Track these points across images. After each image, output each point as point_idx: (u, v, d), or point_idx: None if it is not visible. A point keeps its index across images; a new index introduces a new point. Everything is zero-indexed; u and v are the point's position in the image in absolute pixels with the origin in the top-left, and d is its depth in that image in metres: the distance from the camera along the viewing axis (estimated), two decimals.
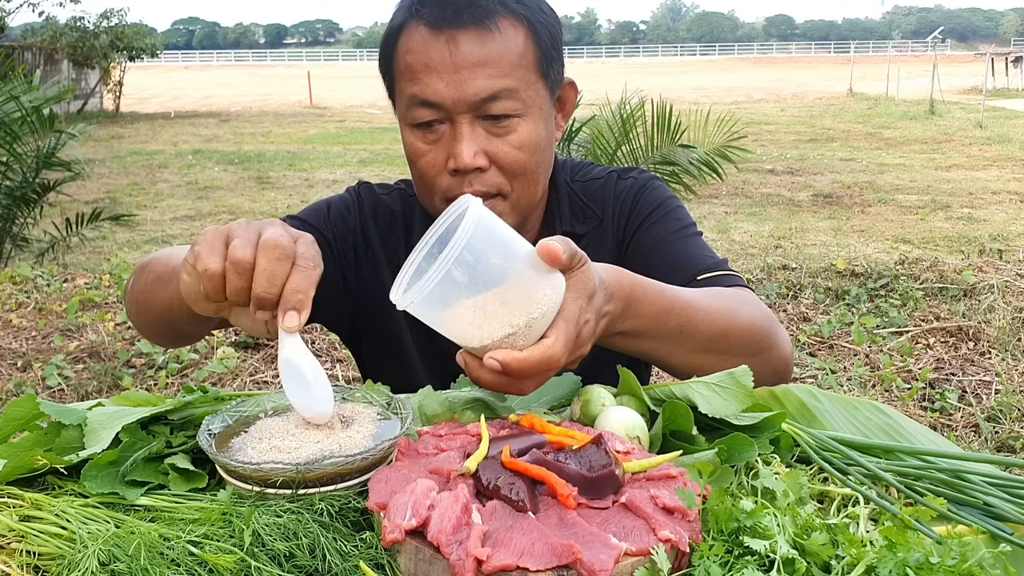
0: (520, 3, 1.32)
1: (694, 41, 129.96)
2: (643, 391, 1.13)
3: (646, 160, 5.98)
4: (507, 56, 1.29)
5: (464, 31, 1.28)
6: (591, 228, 1.51)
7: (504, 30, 1.29)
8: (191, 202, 11.19)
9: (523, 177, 1.36)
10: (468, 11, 1.28)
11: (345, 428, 1.01)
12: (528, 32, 1.32)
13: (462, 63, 1.28)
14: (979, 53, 43.94)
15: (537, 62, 1.33)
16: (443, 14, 1.28)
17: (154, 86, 37.66)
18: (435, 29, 1.29)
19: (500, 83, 1.29)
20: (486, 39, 1.28)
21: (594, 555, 0.79)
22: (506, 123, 1.32)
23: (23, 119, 5.96)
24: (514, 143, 1.33)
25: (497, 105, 1.30)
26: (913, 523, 0.89)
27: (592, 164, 1.62)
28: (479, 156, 1.31)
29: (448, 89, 1.29)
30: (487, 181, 1.34)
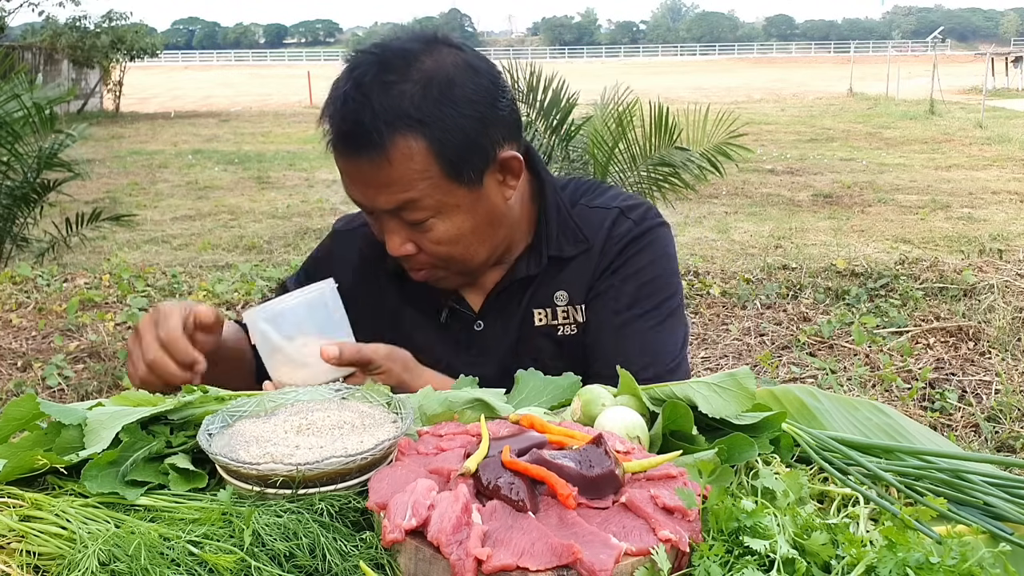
0: (417, 121, 1.31)
1: (694, 41, 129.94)
2: (643, 391, 1.13)
3: (644, 160, 5.98)
4: (404, 176, 1.32)
5: (360, 159, 1.33)
6: (580, 251, 1.51)
7: (398, 153, 1.31)
8: (191, 202, 11.19)
9: (453, 261, 1.43)
10: (362, 139, 1.31)
11: (348, 429, 1.01)
12: (427, 147, 1.32)
13: (364, 183, 1.36)
14: (979, 53, 43.94)
15: (442, 171, 1.34)
16: (341, 143, 1.35)
17: (154, 86, 37.66)
18: (337, 148, 1.36)
19: (401, 198, 1.34)
20: (380, 166, 1.32)
21: (594, 555, 0.79)
22: (422, 225, 1.37)
23: (25, 119, 5.95)
24: (434, 239, 1.39)
25: (406, 214, 1.36)
26: (913, 523, 0.89)
27: (606, 189, 1.60)
28: (406, 246, 1.40)
29: (362, 198, 1.38)
30: (420, 261, 1.43)
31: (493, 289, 1.53)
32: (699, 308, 5.40)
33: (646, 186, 6.15)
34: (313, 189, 11.97)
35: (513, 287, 1.52)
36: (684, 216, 9.38)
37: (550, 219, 1.51)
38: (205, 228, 9.58)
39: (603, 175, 6.01)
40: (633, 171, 6.07)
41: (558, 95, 6.09)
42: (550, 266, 1.51)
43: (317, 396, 1.12)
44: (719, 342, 4.87)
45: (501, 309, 1.53)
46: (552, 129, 6.14)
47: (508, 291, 1.52)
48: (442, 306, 1.54)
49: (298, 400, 1.11)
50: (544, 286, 1.52)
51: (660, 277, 1.52)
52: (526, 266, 1.50)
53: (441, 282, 1.48)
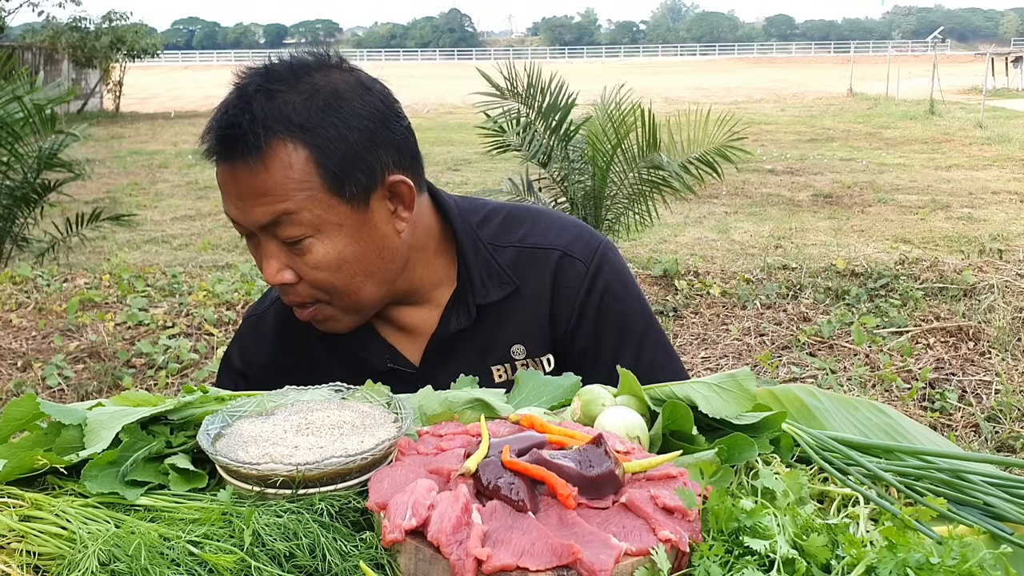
0: (300, 128, 1.26)
1: (694, 41, 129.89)
2: (643, 391, 1.13)
3: (640, 162, 5.98)
4: (282, 184, 1.26)
5: (237, 163, 1.27)
6: (506, 293, 1.45)
7: (276, 159, 1.26)
8: (191, 202, 11.19)
9: (333, 291, 1.34)
10: (240, 143, 1.25)
11: (349, 430, 1.01)
12: (308, 155, 1.27)
13: (241, 193, 1.28)
14: (979, 53, 43.93)
15: (323, 183, 1.28)
16: (219, 147, 1.29)
17: (154, 86, 37.66)
18: (216, 157, 1.30)
19: (277, 208, 1.27)
20: (257, 171, 1.26)
21: (594, 555, 0.79)
22: (300, 244, 1.30)
23: (25, 119, 5.95)
24: (311, 263, 1.31)
25: (281, 230, 1.28)
26: (913, 523, 0.89)
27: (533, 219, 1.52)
28: (283, 272, 1.32)
29: (238, 213, 1.31)
30: (300, 293, 1.34)
31: (430, 344, 1.46)
32: (699, 308, 5.40)
33: (644, 187, 6.16)
34: None
35: (451, 341, 1.45)
36: (684, 216, 9.39)
37: (470, 263, 1.44)
38: (205, 228, 9.58)
39: (603, 176, 6.02)
40: (631, 172, 6.08)
41: (557, 96, 6.09)
42: (482, 316, 1.44)
43: (317, 396, 1.12)
44: (719, 342, 4.87)
45: (444, 365, 1.44)
46: (552, 129, 6.14)
47: (447, 343, 1.45)
48: (380, 367, 1.45)
49: (298, 400, 1.11)
50: (497, 341, 1.45)
51: (635, 305, 1.50)
52: (456, 320, 1.43)
53: (329, 323, 1.38)
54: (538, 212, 1.57)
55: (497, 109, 6.26)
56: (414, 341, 1.47)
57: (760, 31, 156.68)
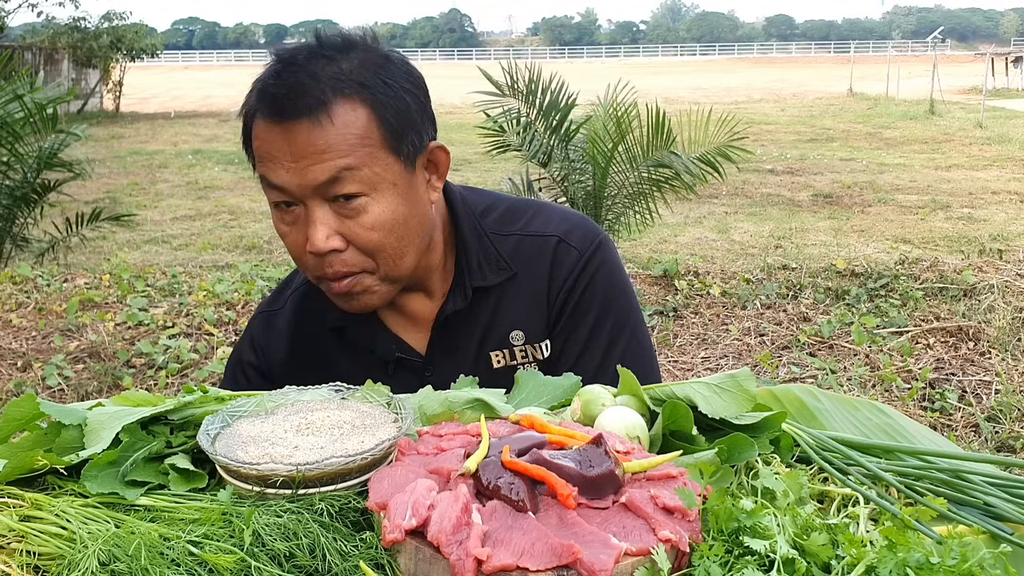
0: (360, 85, 1.29)
1: (694, 41, 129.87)
2: (643, 391, 1.13)
3: (644, 160, 5.98)
4: (345, 139, 1.28)
5: (298, 122, 1.27)
6: (503, 279, 1.48)
7: (341, 115, 1.28)
8: (191, 202, 11.19)
9: (382, 254, 1.34)
10: (301, 101, 1.27)
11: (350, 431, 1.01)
12: (369, 112, 1.29)
13: (300, 153, 1.27)
14: (979, 53, 43.92)
15: (383, 140, 1.30)
16: (278, 106, 1.28)
17: (154, 86, 37.67)
18: (273, 120, 1.29)
19: (339, 163, 1.27)
20: (321, 127, 1.27)
21: (594, 555, 0.79)
22: (355, 204, 1.30)
23: (26, 119, 5.95)
24: (366, 224, 1.31)
25: (340, 186, 1.28)
26: (913, 523, 0.89)
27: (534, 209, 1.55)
28: (332, 239, 1.31)
29: (291, 176, 1.29)
30: (346, 261, 1.33)
31: (433, 330, 1.48)
32: (699, 308, 5.40)
33: (646, 187, 6.15)
34: None
35: (452, 325, 1.47)
36: (684, 216, 9.39)
37: (469, 248, 1.47)
38: (205, 228, 9.58)
39: (603, 176, 6.02)
40: (633, 171, 6.08)
41: (558, 95, 6.09)
42: (481, 300, 1.47)
43: (317, 396, 1.12)
44: (719, 342, 4.87)
45: (448, 353, 1.47)
46: (552, 129, 6.14)
47: (449, 330, 1.47)
48: (387, 357, 1.48)
49: (298, 400, 1.11)
50: (496, 326, 1.47)
51: (622, 297, 1.52)
52: (453, 302, 1.46)
53: (363, 297, 1.38)
54: (540, 204, 1.61)
55: (497, 109, 6.26)
56: (419, 330, 1.49)
57: (760, 31, 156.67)
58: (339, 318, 1.48)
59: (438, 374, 1.45)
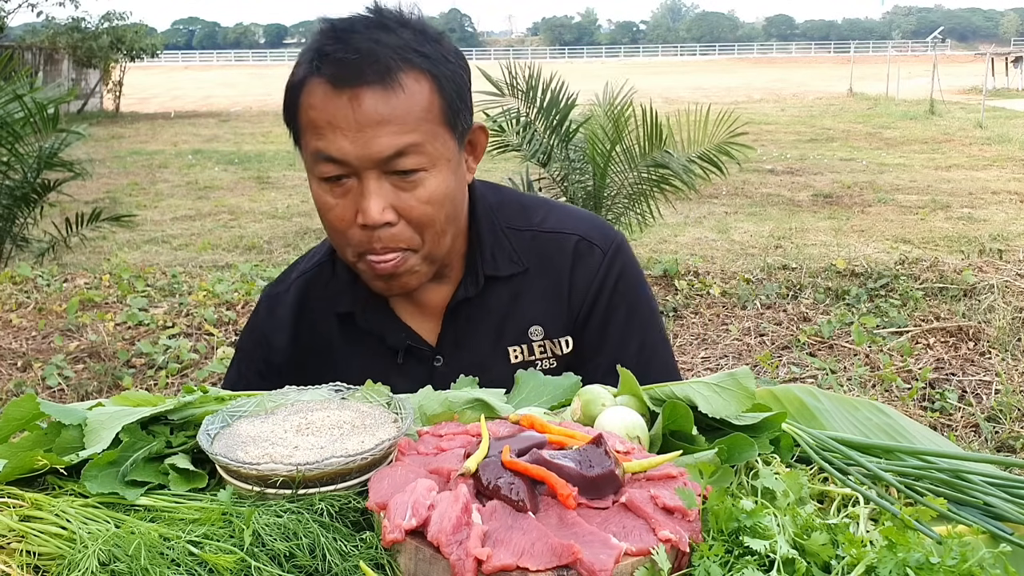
0: (424, 56, 1.28)
1: (694, 41, 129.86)
2: (643, 391, 1.13)
3: (642, 161, 5.98)
4: (412, 112, 1.26)
5: (367, 89, 1.24)
6: (514, 272, 1.48)
7: (407, 86, 1.26)
8: (191, 202, 11.19)
9: (432, 229, 1.34)
10: (370, 68, 1.24)
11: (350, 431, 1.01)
12: (432, 86, 1.29)
13: (365, 121, 1.25)
14: (979, 53, 43.92)
15: (443, 115, 1.30)
16: (345, 71, 1.25)
17: (154, 86, 37.66)
18: (337, 86, 1.25)
19: (405, 139, 1.26)
20: (389, 96, 1.25)
21: (594, 555, 0.79)
22: (413, 178, 1.29)
23: (26, 119, 5.95)
24: (422, 197, 1.30)
25: (403, 161, 1.27)
26: (913, 523, 0.89)
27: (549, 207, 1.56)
28: (387, 212, 1.29)
29: (353, 147, 1.26)
30: (396, 236, 1.32)
31: (445, 319, 1.47)
32: (699, 308, 5.40)
33: (645, 187, 6.15)
34: None
35: (465, 315, 1.47)
36: (684, 216, 9.38)
37: (483, 237, 1.46)
38: (205, 228, 9.58)
39: (602, 176, 6.02)
40: (632, 171, 6.08)
41: (557, 95, 6.08)
42: (494, 291, 1.46)
43: (317, 396, 1.12)
44: (719, 342, 4.87)
45: (460, 343, 1.47)
46: (552, 129, 6.13)
47: (464, 321, 1.47)
48: (398, 346, 1.46)
49: (298, 400, 1.11)
50: (514, 321, 1.47)
51: (645, 295, 1.55)
52: (464, 288, 1.46)
53: (404, 277, 1.37)
54: (552, 202, 1.62)
55: (497, 109, 6.25)
56: (429, 320, 1.49)
57: (760, 31, 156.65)
58: (349, 304, 1.47)
59: (449, 364, 1.45)
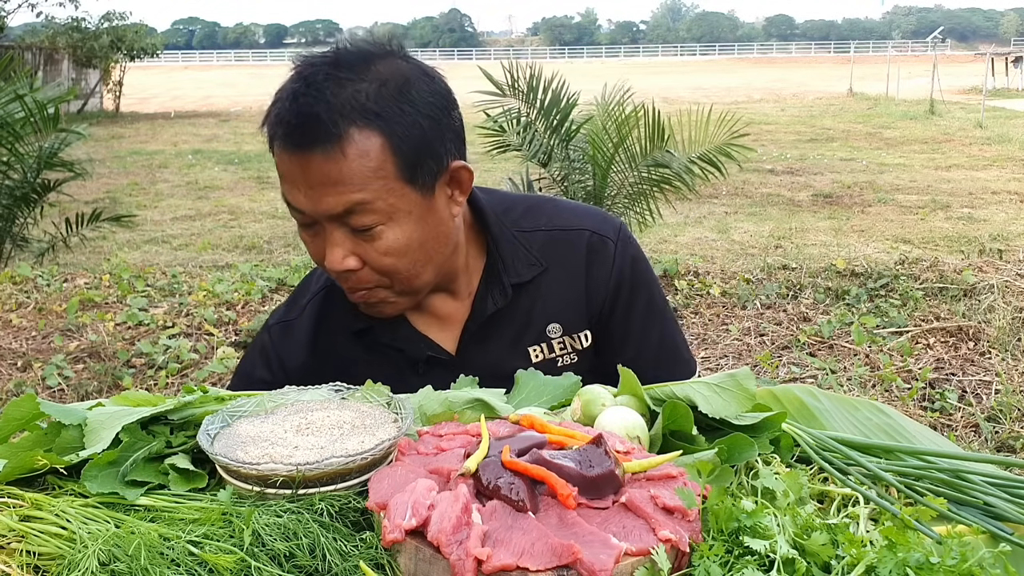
0: (375, 115, 1.26)
1: (694, 41, 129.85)
2: (643, 391, 1.13)
3: (643, 161, 5.98)
4: (358, 172, 1.26)
5: (311, 152, 1.25)
6: (536, 274, 1.49)
7: (354, 145, 1.25)
8: (191, 202, 11.19)
9: (397, 276, 1.35)
10: (313, 131, 1.25)
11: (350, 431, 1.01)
12: (384, 143, 1.27)
13: (313, 182, 1.27)
14: (979, 53, 43.91)
15: (397, 170, 1.28)
16: (292, 134, 1.27)
17: (154, 86, 37.65)
18: (287, 148, 1.28)
19: (353, 198, 1.27)
20: (334, 159, 1.25)
21: (594, 555, 0.79)
22: (370, 232, 1.30)
23: (26, 119, 5.95)
24: (380, 249, 1.31)
25: (355, 219, 1.28)
26: (913, 523, 0.89)
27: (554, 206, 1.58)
28: (349, 259, 1.31)
29: (308, 201, 1.29)
30: (361, 279, 1.34)
31: (465, 330, 1.48)
32: (699, 308, 5.40)
33: (645, 187, 6.15)
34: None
35: (486, 324, 1.47)
36: (684, 216, 9.38)
37: (501, 246, 1.47)
38: (205, 228, 9.58)
39: (603, 176, 6.02)
40: (632, 171, 6.08)
41: (558, 95, 6.08)
42: (515, 296, 1.47)
43: (317, 396, 1.12)
44: (719, 342, 4.87)
45: (481, 348, 1.48)
46: (552, 129, 6.13)
47: (481, 330, 1.48)
48: (418, 357, 1.47)
49: (298, 400, 1.11)
50: (532, 322, 1.49)
51: (655, 280, 1.58)
52: (492, 300, 1.46)
53: (380, 307, 1.40)
54: (552, 199, 1.64)
55: (497, 108, 6.25)
56: (445, 329, 1.50)
57: (760, 31, 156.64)
58: (366, 320, 1.48)
59: (471, 370, 1.44)
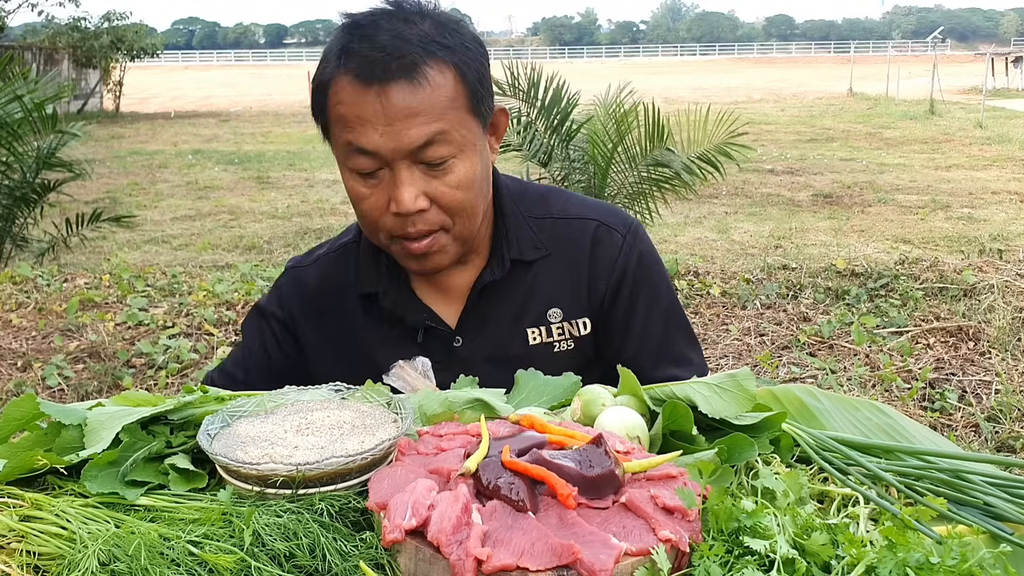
0: (445, 47, 1.32)
1: (694, 41, 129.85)
2: (643, 391, 1.13)
3: (643, 160, 5.98)
4: (437, 103, 1.31)
5: (393, 83, 1.29)
6: (538, 257, 1.52)
7: (432, 77, 1.30)
8: (191, 202, 11.19)
9: (463, 212, 1.39)
10: (396, 63, 1.29)
11: (350, 431, 1.01)
12: (456, 75, 1.33)
13: (394, 114, 1.29)
14: (979, 53, 43.91)
15: (467, 102, 1.34)
16: (371, 67, 1.29)
17: (154, 86, 37.65)
18: (365, 82, 1.30)
19: (432, 129, 1.30)
20: (416, 89, 1.29)
21: (594, 555, 0.79)
22: (443, 165, 1.34)
23: (24, 118, 5.95)
24: (452, 183, 1.35)
25: (432, 150, 1.32)
26: (913, 523, 0.89)
27: (565, 196, 1.61)
28: (420, 199, 1.34)
29: (383, 139, 1.30)
30: (429, 220, 1.37)
31: (467, 302, 1.51)
32: (699, 308, 5.40)
33: (645, 187, 6.15)
34: (313, 189, 11.97)
35: (488, 299, 1.50)
36: (684, 216, 9.38)
37: (508, 222, 1.51)
38: (205, 228, 9.58)
39: (603, 176, 6.02)
40: (632, 171, 6.08)
41: (558, 95, 6.08)
42: (517, 274, 1.50)
43: (317, 396, 1.12)
44: (719, 342, 4.87)
45: (479, 325, 1.51)
46: (552, 129, 6.13)
47: (484, 304, 1.51)
48: (417, 326, 1.51)
49: (298, 400, 1.11)
50: (532, 304, 1.51)
51: (664, 276, 1.59)
52: (491, 271, 1.50)
53: (436, 257, 1.42)
54: (566, 191, 1.68)
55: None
56: (450, 303, 1.53)
57: (760, 31, 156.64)
58: (372, 285, 1.52)
59: (467, 345, 1.50)
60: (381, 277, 1.51)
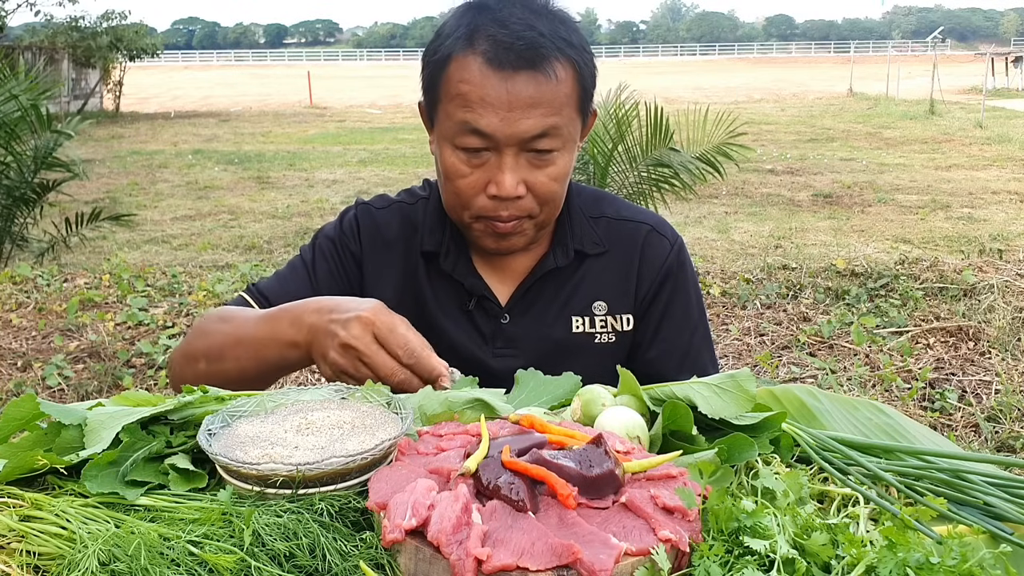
0: (571, 45, 1.39)
1: (694, 41, 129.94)
2: (643, 391, 1.13)
3: (643, 160, 5.98)
4: (557, 98, 1.37)
5: (523, 73, 1.34)
6: (598, 252, 1.59)
7: (557, 72, 1.36)
8: (191, 202, 11.19)
9: (552, 203, 1.46)
10: (528, 53, 1.34)
11: (349, 430, 1.01)
12: (575, 73, 1.39)
13: (517, 102, 1.35)
14: (979, 53, 43.92)
15: (579, 101, 1.41)
16: (505, 54, 1.34)
17: (154, 86, 37.66)
18: (495, 66, 1.35)
19: (549, 121, 1.36)
20: (541, 82, 1.35)
21: (594, 555, 0.79)
22: (547, 157, 1.40)
23: (21, 117, 5.95)
24: (551, 175, 1.41)
25: (543, 141, 1.38)
26: (913, 523, 0.89)
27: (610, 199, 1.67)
28: (520, 186, 1.40)
29: (501, 124, 1.36)
30: (521, 206, 1.43)
31: (521, 284, 1.56)
32: None
33: (645, 187, 6.15)
34: (313, 189, 11.97)
35: (540, 283, 1.56)
36: (684, 216, 9.39)
37: (574, 214, 1.58)
38: (205, 228, 9.58)
39: (603, 175, 6.02)
40: (633, 171, 6.08)
41: None
42: (576, 262, 1.57)
43: (317, 396, 1.12)
44: (719, 342, 4.87)
45: (528, 307, 1.56)
46: None
47: (536, 287, 1.56)
48: (474, 292, 1.55)
49: (298, 400, 1.11)
50: (580, 294, 1.57)
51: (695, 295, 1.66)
52: (554, 258, 1.55)
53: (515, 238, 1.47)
54: (618, 197, 1.75)
55: None
56: (503, 282, 1.58)
57: (760, 31, 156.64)
58: (435, 245, 1.56)
59: (514, 323, 1.56)
60: (444, 239, 1.56)
